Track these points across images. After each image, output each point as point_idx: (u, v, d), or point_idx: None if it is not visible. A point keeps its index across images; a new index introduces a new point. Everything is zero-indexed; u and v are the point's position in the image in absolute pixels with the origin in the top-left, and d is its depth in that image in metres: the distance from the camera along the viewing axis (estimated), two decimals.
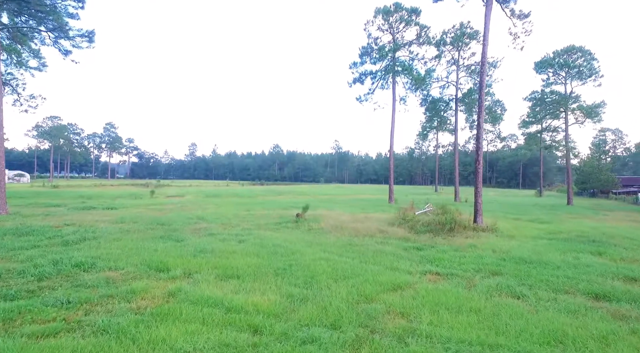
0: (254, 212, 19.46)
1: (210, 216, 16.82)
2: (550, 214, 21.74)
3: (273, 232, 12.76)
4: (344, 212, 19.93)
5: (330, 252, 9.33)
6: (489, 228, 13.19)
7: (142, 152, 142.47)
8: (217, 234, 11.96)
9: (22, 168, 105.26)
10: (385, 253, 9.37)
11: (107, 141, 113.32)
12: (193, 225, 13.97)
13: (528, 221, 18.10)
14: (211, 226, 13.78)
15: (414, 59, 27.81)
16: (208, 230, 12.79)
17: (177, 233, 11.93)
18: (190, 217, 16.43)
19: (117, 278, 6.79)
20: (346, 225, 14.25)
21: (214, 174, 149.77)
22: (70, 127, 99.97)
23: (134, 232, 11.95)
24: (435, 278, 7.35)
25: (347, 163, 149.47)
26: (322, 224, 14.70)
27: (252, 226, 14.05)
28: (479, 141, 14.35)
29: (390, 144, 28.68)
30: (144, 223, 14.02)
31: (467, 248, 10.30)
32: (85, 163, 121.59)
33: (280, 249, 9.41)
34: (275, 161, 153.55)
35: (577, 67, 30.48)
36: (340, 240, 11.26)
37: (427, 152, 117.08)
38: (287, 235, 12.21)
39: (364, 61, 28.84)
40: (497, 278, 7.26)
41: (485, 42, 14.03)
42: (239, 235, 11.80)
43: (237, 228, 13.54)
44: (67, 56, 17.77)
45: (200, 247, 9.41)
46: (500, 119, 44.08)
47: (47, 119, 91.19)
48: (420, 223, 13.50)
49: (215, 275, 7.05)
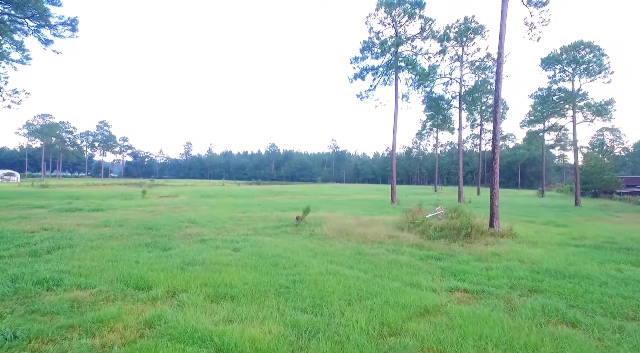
0: (251, 214, 18.27)
1: (203, 219, 15.61)
2: (562, 217, 20.73)
3: (272, 238, 11.60)
4: (347, 214, 18.80)
5: (338, 264, 8.18)
6: (507, 233, 12.10)
7: (137, 151, 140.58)
8: (210, 240, 10.78)
9: (13, 167, 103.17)
10: (400, 265, 8.24)
11: (100, 140, 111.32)
12: (184, 230, 12.77)
13: (542, 224, 17.06)
14: (204, 231, 12.59)
15: (417, 54, 26.74)
16: (200, 236, 11.60)
17: (165, 239, 10.73)
18: (182, 220, 15.22)
19: (85, 299, 5.59)
20: (351, 230, 13.12)
21: (210, 174, 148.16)
22: (62, 125, 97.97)
23: (117, 238, 10.74)
24: (466, 297, 6.23)
25: (344, 163, 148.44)
26: (325, 228, 13.56)
27: (249, 231, 12.87)
28: (495, 139, 13.23)
29: (393, 143, 27.57)
30: (130, 228, 12.80)
31: (490, 257, 9.20)
32: (79, 162, 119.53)
33: (281, 260, 8.24)
34: (271, 161, 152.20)
35: (586, 63, 29.52)
36: (348, 248, 10.12)
37: (424, 152, 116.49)
38: (287, 241, 11.04)
39: (365, 56, 27.71)
40: (538, 297, 6.15)
41: (502, 30, 12.91)
42: (234, 242, 10.63)
43: (233, 234, 12.35)
44: (48, 46, 16.47)
45: (190, 258, 8.23)
46: (503, 117, 43.11)
47: (38, 117, 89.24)
48: (433, 227, 12.38)
49: (205, 294, 5.88)
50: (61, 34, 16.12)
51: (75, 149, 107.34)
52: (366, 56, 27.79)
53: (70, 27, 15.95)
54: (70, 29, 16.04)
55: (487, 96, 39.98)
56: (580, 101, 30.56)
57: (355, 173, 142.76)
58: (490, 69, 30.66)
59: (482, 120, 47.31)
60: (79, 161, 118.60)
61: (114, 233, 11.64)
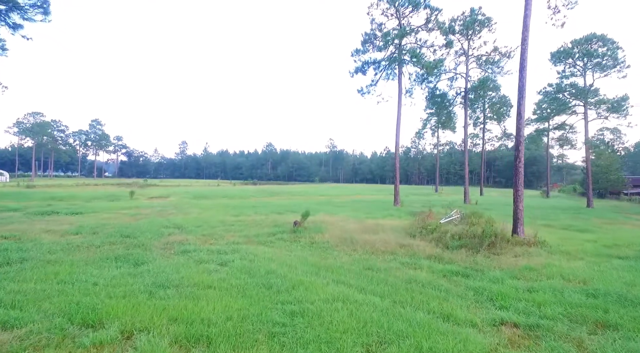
0: (244, 217, 16.72)
1: (190, 224, 14.05)
2: (579, 220, 19.33)
3: (266, 248, 10.06)
4: (349, 217, 17.29)
5: (346, 284, 6.66)
6: (534, 241, 10.62)
7: (131, 150, 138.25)
8: (194, 251, 9.22)
9: (4, 167, 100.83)
10: (422, 284, 6.75)
11: (93, 139, 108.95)
12: (166, 237, 11.21)
13: (562, 229, 15.62)
14: (189, 239, 11.03)
15: (422, 47, 25.24)
16: (183, 245, 10.05)
17: (140, 250, 9.17)
18: (167, 225, 13.65)
19: (2, 348, 4.05)
20: (356, 237, 11.59)
21: (206, 174, 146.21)
22: (54, 124, 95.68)
23: (84, 249, 9.18)
24: (518, 335, 4.74)
25: (342, 162, 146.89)
26: (327, 235, 12.04)
27: (240, 239, 11.32)
28: (519, 134, 11.69)
29: (396, 140, 26.08)
30: (105, 235, 11.23)
31: (526, 273, 7.71)
32: (72, 162, 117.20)
33: (276, 279, 6.71)
34: (268, 160, 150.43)
35: (600, 57, 28.13)
36: (355, 261, 8.61)
37: (423, 151, 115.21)
38: (284, 252, 9.51)
39: (366, 49, 26.18)
40: (614, 336, 4.66)
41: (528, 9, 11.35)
42: (222, 253, 9.09)
43: (221, 242, 10.81)
44: (17, 31, 14.80)
45: (164, 277, 6.69)
46: (507, 115, 41.79)
47: (29, 115, 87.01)
48: (450, 235, 10.89)
49: (173, 336, 4.35)
50: (31, 17, 14.55)
51: (68, 148, 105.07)
52: (367, 49, 26.27)
53: (42, 10, 14.34)
54: (42, 12, 14.41)
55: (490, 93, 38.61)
56: (592, 97, 29.18)
57: (353, 173, 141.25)
58: (497, 64, 29.24)
59: (484, 118, 45.91)
60: (72, 161, 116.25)
61: (83, 242, 10.07)
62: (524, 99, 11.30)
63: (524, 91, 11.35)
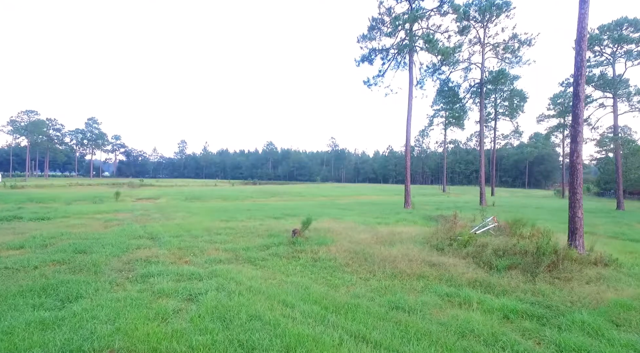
0: (235, 224, 14.38)
1: (169, 233, 11.73)
2: (622, 225, 16.93)
3: (255, 269, 7.72)
4: (357, 223, 14.94)
5: (371, 342, 4.32)
6: (600, 259, 8.23)
7: (130, 150, 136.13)
8: (158, 275, 6.91)
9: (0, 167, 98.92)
10: (484, 342, 4.40)
11: (89, 138, 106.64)
12: (131, 252, 8.88)
13: (611, 237, 13.24)
14: (159, 255, 8.70)
15: (435, 33, 22.85)
16: (148, 265, 7.73)
17: (85, 275, 6.85)
18: (139, 235, 11.34)
19: None
20: (370, 251, 9.26)
21: (205, 173, 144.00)
22: (49, 122, 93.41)
23: (11, 273, 6.91)
24: None
25: (344, 162, 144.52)
26: (333, 248, 9.70)
27: (224, 254, 8.98)
28: (577, 123, 9.21)
29: (407, 136, 23.69)
30: (54, 250, 8.91)
31: (622, 313, 5.35)
32: (69, 161, 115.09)
33: (261, 333, 4.39)
34: (269, 159, 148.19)
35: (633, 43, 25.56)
36: (375, 292, 6.28)
37: (427, 150, 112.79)
38: (277, 277, 7.16)
39: (373, 36, 23.77)
40: None
41: None
42: (195, 279, 6.79)
43: (199, 259, 8.47)
44: None
45: (87, 330, 4.37)
46: (520, 111, 39.31)
47: (23, 113, 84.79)
48: (490, 250, 8.53)
49: None
50: None
51: (64, 147, 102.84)
52: (374, 36, 23.86)
53: None
54: None
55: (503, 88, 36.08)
56: (623, 88, 26.75)
57: (356, 172, 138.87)
58: (516, 53, 26.72)
59: (496, 114, 43.37)
60: (69, 160, 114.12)
61: (17, 261, 7.75)
62: (584, 77, 8.88)
63: (583, 67, 8.93)
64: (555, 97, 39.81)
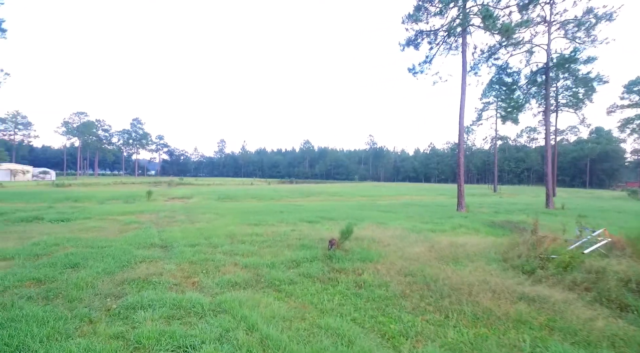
0: (264, 229, 12.53)
1: (186, 240, 10.06)
2: None
3: (278, 301, 5.70)
4: (406, 230, 12.55)
5: None
6: None
7: (172, 149, 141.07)
8: (149, 306, 5.16)
9: (56, 166, 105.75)
10: None
11: (134, 138, 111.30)
12: (130, 269, 7.21)
13: None
14: (163, 272, 6.98)
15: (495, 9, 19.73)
16: (143, 288, 6.01)
17: (52, 307, 5.17)
18: (150, 243, 9.75)
19: None
20: (432, 273, 6.98)
21: (243, 172, 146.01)
22: (98, 123, 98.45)
23: None
24: None
25: (382, 160, 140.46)
26: (381, 267, 7.51)
27: (242, 274, 7.04)
28: None
29: (460, 129, 20.76)
30: (42, 265, 7.44)
31: None
32: (117, 160, 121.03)
33: None
34: (305, 158, 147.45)
35: None
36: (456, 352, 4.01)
37: (472, 147, 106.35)
38: (308, 319, 5.07)
39: (419, 16, 21.04)
40: None
41: None
42: (193, 315, 4.94)
43: (209, 281, 6.59)
44: None
45: None
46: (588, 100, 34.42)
47: (74, 115, 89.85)
48: (615, 280, 5.91)
49: None
50: None
51: (112, 147, 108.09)
52: (421, 17, 21.11)
53: None
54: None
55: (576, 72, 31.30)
56: None
57: (395, 171, 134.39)
58: (590, 31, 22.64)
59: (557, 105, 38.49)
60: (117, 159, 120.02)
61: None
62: None
63: None
64: (631, 83, 34.55)
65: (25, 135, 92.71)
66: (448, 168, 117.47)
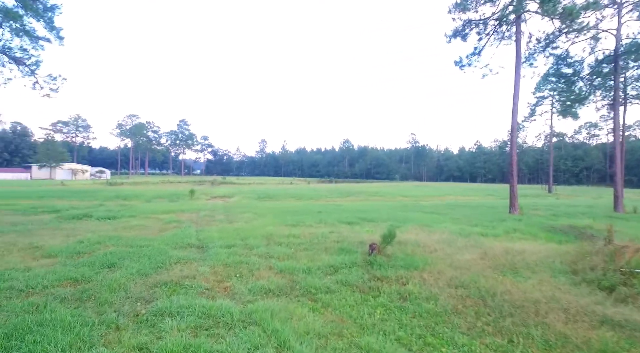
0: (301, 230, 12.14)
1: (222, 241, 9.89)
2: None
3: (313, 313, 5.19)
4: (453, 234, 11.59)
5: None
6: None
7: (216, 149, 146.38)
8: (177, 314, 4.88)
9: (112, 166, 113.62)
10: None
11: (181, 138, 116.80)
12: (164, 270, 7.07)
13: None
14: (196, 275, 6.79)
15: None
16: (174, 292, 5.80)
17: (81, 310, 5.05)
18: (188, 243, 9.67)
19: None
20: (488, 286, 6.17)
21: (283, 171, 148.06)
22: (148, 125, 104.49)
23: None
24: None
25: (425, 159, 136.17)
26: (428, 276, 6.81)
27: (276, 280, 6.61)
28: None
29: (512, 124, 19.08)
30: (82, 264, 7.54)
31: None
32: (165, 160, 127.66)
33: None
34: (345, 157, 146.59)
35: None
36: None
37: (523, 145, 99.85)
38: (346, 336, 4.51)
39: (467, 5, 19.64)
40: None
41: None
42: (220, 327, 4.62)
43: (242, 286, 6.24)
44: None
45: None
46: None
47: (127, 117, 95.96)
48: None
49: None
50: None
51: (161, 148, 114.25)
52: (469, 6, 19.69)
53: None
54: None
55: None
56: None
57: (438, 170, 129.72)
58: None
59: (625, 97, 34.56)
60: (166, 159, 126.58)
61: (29, 279, 6.37)
62: None
63: None
64: None
65: (85, 137, 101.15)
66: (496, 167, 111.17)
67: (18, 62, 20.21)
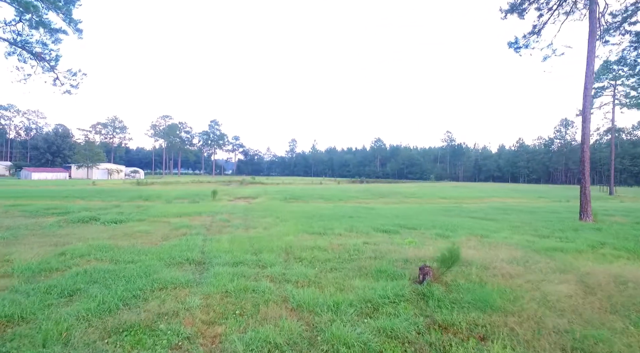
0: (329, 240, 10.03)
1: (228, 256, 7.95)
2: None
3: None
4: (522, 247, 9.06)
5: None
6: None
7: (247, 149, 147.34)
8: None
9: (148, 166, 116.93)
10: None
11: (212, 138, 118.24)
12: (141, 302, 5.19)
13: None
14: (180, 311, 4.85)
15: None
16: (137, 346, 3.79)
17: None
18: (186, 258, 7.78)
19: None
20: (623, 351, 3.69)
21: (313, 171, 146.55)
22: (181, 126, 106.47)
23: None
24: None
25: (461, 158, 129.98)
26: (520, 329, 4.42)
27: (289, 325, 4.51)
28: None
29: (584, 114, 15.90)
30: (37, 290, 5.80)
31: None
32: (197, 160, 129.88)
33: None
34: (376, 157, 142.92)
35: None
36: None
37: (572, 142, 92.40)
38: None
39: None
40: None
41: None
42: None
43: (239, 339, 4.18)
44: None
45: None
46: None
47: (160, 118, 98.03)
48: None
49: None
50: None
51: (194, 148, 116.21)
52: None
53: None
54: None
55: None
56: None
57: (476, 170, 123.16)
58: None
59: None
60: (198, 159, 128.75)
61: None
62: None
63: None
64: None
65: (122, 138, 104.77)
66: (541, 166, 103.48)
67: (38, 57, 19.55)
